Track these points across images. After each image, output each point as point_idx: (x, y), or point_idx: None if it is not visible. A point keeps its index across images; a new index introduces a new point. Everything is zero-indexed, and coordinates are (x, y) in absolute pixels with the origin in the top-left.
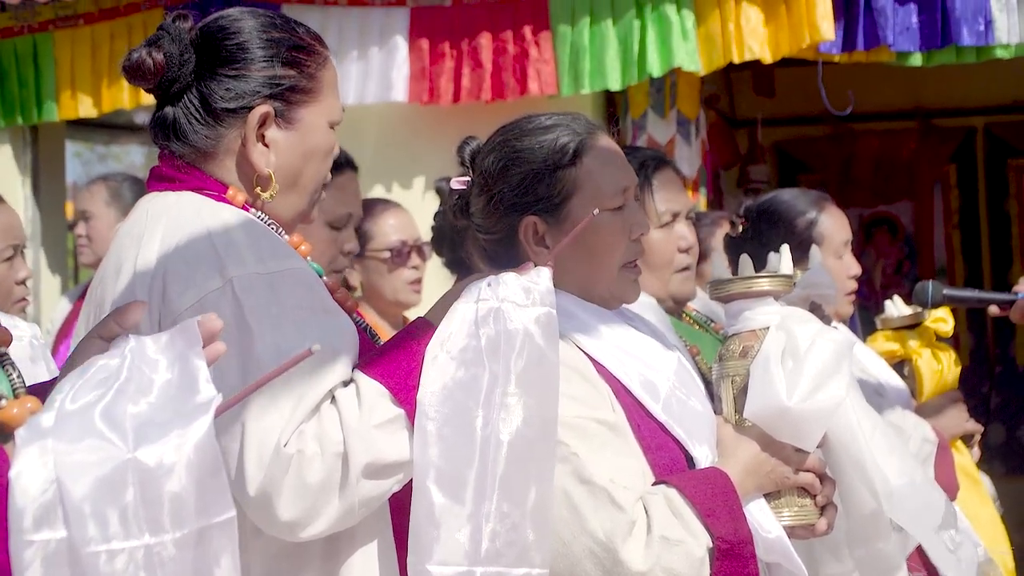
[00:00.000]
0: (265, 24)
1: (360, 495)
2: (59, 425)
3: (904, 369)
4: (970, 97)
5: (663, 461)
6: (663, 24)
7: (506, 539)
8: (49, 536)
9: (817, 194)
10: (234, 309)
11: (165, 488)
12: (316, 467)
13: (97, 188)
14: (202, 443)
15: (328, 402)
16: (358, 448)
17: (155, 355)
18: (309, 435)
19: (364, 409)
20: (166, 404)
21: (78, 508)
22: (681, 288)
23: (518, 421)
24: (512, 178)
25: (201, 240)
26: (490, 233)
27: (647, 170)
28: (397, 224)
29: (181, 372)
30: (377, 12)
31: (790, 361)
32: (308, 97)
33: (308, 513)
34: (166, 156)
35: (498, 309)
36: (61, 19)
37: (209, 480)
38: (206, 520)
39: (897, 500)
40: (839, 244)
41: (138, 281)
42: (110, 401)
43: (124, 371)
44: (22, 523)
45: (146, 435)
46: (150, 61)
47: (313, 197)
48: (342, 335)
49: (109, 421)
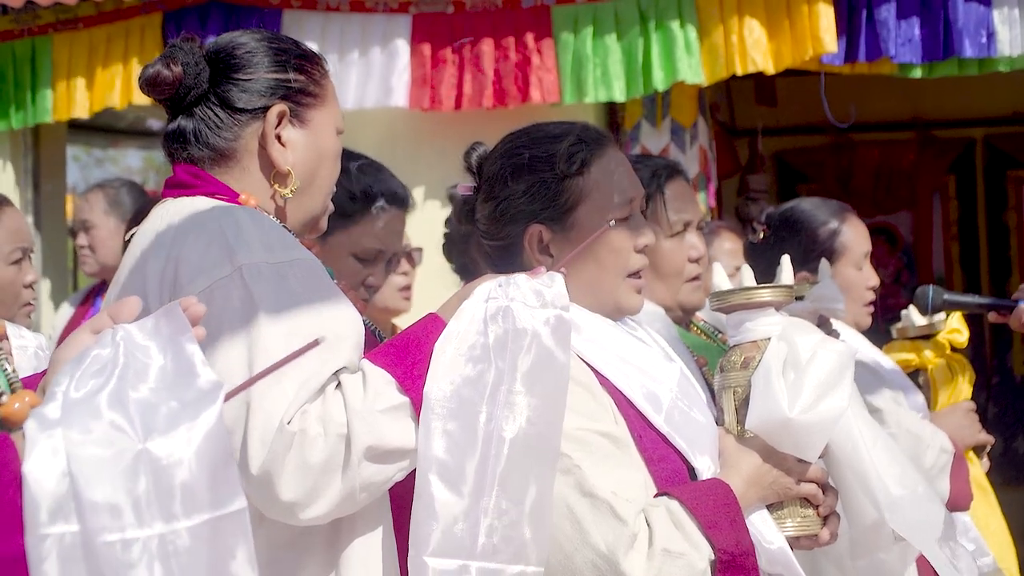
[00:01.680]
0: (270, 38)
1: (362, 478)
2: (67, 415)
3: (919, 379)
4: (970, 108)
5: (665, 472)
6: (667, 37)
7: (503, 535)
8: (64, 529)
9: (839, 204)
10: (243, 296)
11: (177, 478)
12: (319, 447)
13: (95, 196)
14: (212, 432)
15: (333, 385)
16: (361, 430)
17: (144, 341)
18: (313, 415)
19: (369, 394)
20: (165, 390)
21: (91, 499)
22: (690, 298)
23: (521, 419)
24: (519, 185)
25: (212, 229)
26: (495, 240)
27: (659, 179)
28: None
29: (175, 357)
30: (379, 18)
31: (791, 372)
32: (317, 101)
33: (309, 494)
34: (181, 164)
35: (507, 308)
36: (61, 22)
37: (220, 470)
38: (218, 510)
39: (898, 510)
40: (859, 255)
41: (151, 270)
42: (114, 388)
43: (120, 357)
44: (38, 516)
45: (153, 423)
46: (168, 72)
47: (326, 202)
48: (349, 323)
49: (116, 408)
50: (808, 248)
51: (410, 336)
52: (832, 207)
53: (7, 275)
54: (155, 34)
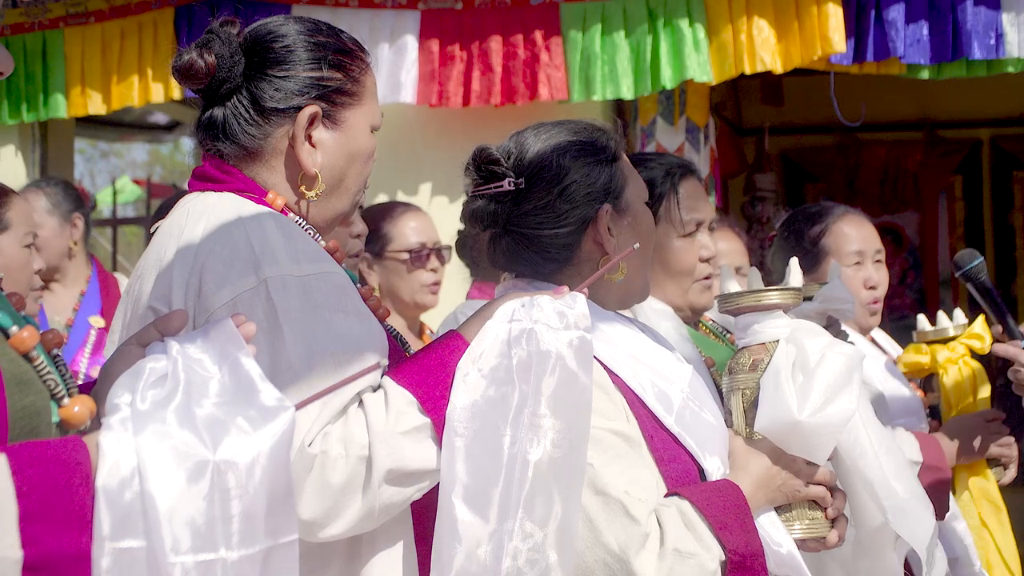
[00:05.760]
0: (311, 29)
1: (381, 500)
2: (139, 429)
3: (932, 383)
4: (977, 109)
5: (675, 472)
6: (675, 36)
7: (528, 559)
8: (130, 544)
9: (839, 205)
10: (267, 309)
11: (241, 503)
12: (339, 468)
13: (35, 196)
14: (277, 451)
15: (355, 405)
16: (382, 453)
17: (198, 354)
18: (334, 437)
19: (391, 415)
20: (228, 406)
21: (159, 518)
22: (700, 298)
23: (546, 442)
24: (579, 171)
25: (238, 239)
26: (554, 227)
27: (673, 178)
28: (417, 227)
29: (232, 372)
30: (387, 14)
31: (800, 374)
32: (352, 100)
33: (328, 513)
34: (210, 157)
35: (531, 330)
36: (72, 16)
37: (280, 500)
38: (273, 540)
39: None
40: (850, 253)
41: (176, 277)
42: (181, 404)
43: (181, 372)
44: (106, 528)
45: (223, 440)
46: (202, 62)
47: (355, 200)
48: (373, 340)
49: (187, 426)
50: (798, 248)
51: (432, 355)
52: (828, 207)
53: (22, 256)
54: (167, 31)
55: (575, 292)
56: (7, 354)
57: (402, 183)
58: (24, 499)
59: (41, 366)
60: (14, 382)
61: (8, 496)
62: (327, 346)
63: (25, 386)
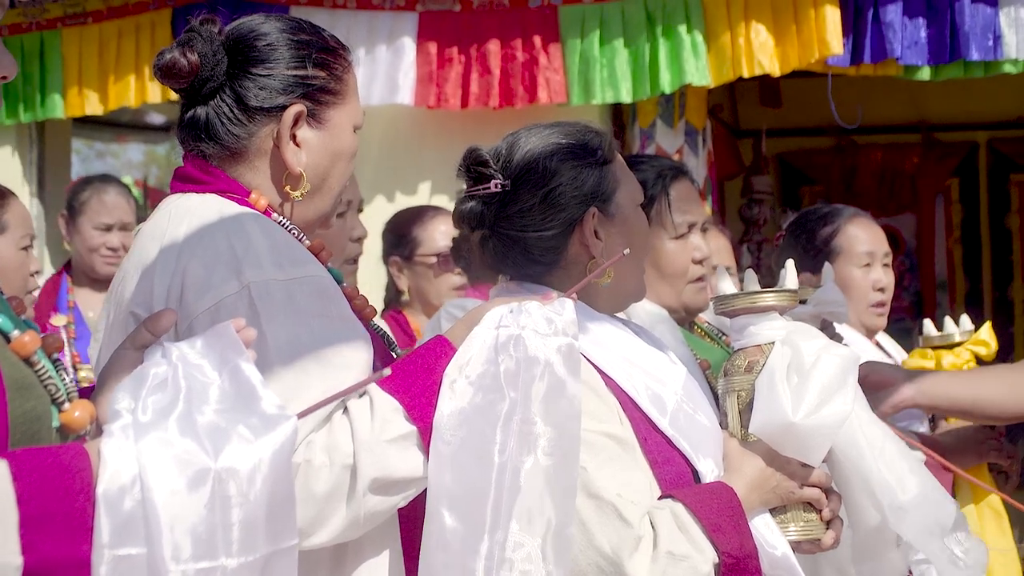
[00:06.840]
0: (292, 27)
1: (366, 508)
2: (140, 437)
3: None
4: (974, 112)
5: (669, 475)
6: (674, 39)
7: (520, 569)
8: (130, 551)
9: (848, 208)
10: (250, 314)
11: (242, 511)
12: (323, 477)
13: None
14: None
15: (340, 412)
16: (367, 461)
17: (197, 360)
18: (318, 445)
19: (377, 423)
20: (230, 413)
21: (160, 526)
22: (694, 299)
23: (536, 450)
24: (567, 173)
25: (220, 243)
26: (541, 230)
27: (664, 180)
28: (447, 231)
29: (232, 378)
30: (385, 16)
31: (795, 376)
32: (336, 99)
33: (312, 523)
34: (192, 157)
35: (518, 336)
36: (70, 16)
37: (280, 506)
38: (274, 546)
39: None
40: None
41: (157, 281)
42: (182, 412)
43: (181, 380)
44: (105, 535)
45: (224, 448)
46: (184, 61)
47: (337, 200)
48: (357, 345)
49: (188, 435)
50: (807, 249)
51: (418, 361)
52: (839, 209)
53: (18, 259)
54: (165, 31)
55: (563, 297)
56: (8, 358)
57: (400, 184)
58: (25, 505)
59: (42, 370)
60: (15, 387)
61: (9, 502)
62: (311, 351)
63: (26, 391)
